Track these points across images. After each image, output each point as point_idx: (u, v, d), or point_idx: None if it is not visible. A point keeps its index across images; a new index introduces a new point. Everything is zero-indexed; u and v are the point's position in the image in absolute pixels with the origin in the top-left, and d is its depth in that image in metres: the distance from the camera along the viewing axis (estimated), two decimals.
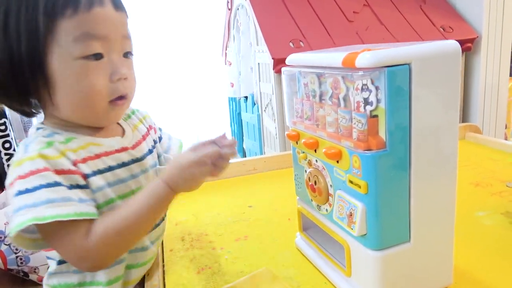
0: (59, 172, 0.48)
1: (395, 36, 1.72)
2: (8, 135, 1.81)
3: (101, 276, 0.55)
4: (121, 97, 0.54)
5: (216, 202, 0.88)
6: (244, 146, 2.42)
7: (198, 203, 0.88)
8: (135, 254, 0.58)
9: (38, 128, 0.54)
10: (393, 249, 0.46)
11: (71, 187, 0.49)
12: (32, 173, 0.47)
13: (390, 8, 1.83)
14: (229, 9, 2.30)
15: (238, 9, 2.12)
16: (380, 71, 0.41)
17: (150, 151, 0.62)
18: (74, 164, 0.50)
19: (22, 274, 1.58)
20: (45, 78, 0.50)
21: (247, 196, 0.90)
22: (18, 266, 1.54)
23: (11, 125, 1.84)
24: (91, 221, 0.49)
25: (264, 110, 1.92)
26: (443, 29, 1.77)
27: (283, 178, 0.99)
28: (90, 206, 0.50)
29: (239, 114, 2.38)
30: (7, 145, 1.87)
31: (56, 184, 0.47)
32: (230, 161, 0.55)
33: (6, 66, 0.49)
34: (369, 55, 0.41)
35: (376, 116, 0.43)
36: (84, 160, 0.52)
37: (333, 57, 0.45)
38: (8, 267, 1.53)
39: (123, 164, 0.56)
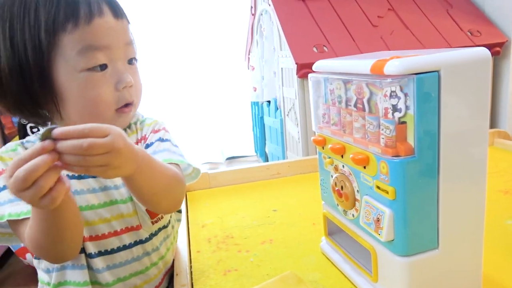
0: None
1: (421, 41, 1.70)
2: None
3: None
4: (127, 104, 0.55)
5: (241, 205, 0.89)
6: (267, 150, 2.43)
7: (223, 206, 0.89)
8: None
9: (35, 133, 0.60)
10: (421, 256, 0.46)
11: None
12: None
13: (416, 12, 1.82)
14: (252, 15, 2.33)
15: (261, 14, 2.15)
16: (409, 78, 0.41)
17: None
18: None
19: None
20: (53, 90, 0.52)
21: (271, 200, 0.91)
22: None
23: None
24: None
25: (287, 115, 1.92)
26: (471, 33, 1.74)
27: (307, 182, 0.99)
28: None
29: (262, 118, 2.39)
30: (35, 129, 1.93)
31: None
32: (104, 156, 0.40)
33: (17, 78, 0.51)
34: (397, 63, 0.41)
35: (404, 122, 0.43)
36: None
37: (361, 64, 0.46)
38: None
39: (80, 177, 0.56)
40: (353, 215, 0.53)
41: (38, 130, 1.89)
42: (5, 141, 1.89)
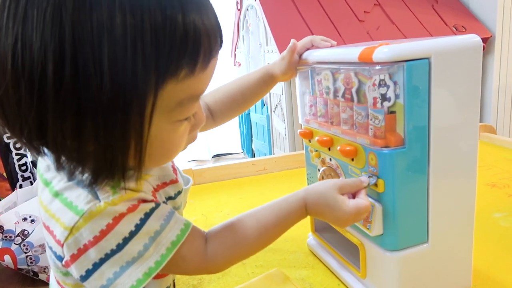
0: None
1: (407, 36, 1.70)
2: None
3: None
4: None
5: (226, 202, 0.87)
6: (253, 147, 2.41)
7: (207, 203, 0.87)
8: None
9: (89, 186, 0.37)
10: (410, 250, 0.45)
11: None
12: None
13: (402, 7, 1.81)
14: (238, 10, 2.30)
15: (247, 9, 2.12)
16: (398, 65, 0.39)
17: None
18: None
19: (32, 274, 1.59)
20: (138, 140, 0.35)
21: (257, 196, 0.89)
22: (28, 265, 1.55)
23: None
24: (196, 232, 0.43)
25: (274, 111, 1.91)
26: (456, 29, 1.74)
27: (294, 178, 0.98)
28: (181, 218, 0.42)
29: (248, 115, 2.37)
30: (18, 145, 1.88)
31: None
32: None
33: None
34: (387, 49, 0.39)
35: (394, 112, 0.41)
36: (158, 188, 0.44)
37: (349, 52, 0.44)
38: (18, 266, 1.54)
39: (171, 198, 0.47)
40: None
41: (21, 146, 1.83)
42: None
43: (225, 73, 2.83)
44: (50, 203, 0.38)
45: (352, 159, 0.46)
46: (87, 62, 0.30)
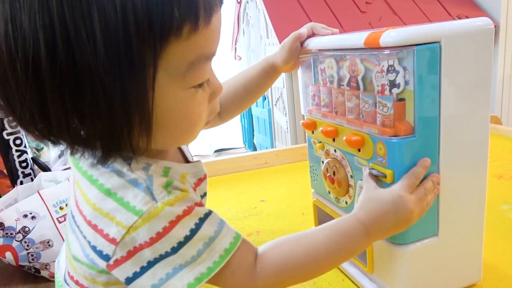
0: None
1: None
2: (19, 131, 1.81)
3: None
4: None
5: (227, 196, 0.85)
6: (255, 142, 2.39)
7: (208, 197, 0.85)
8: None
9: (126, 160, 0.37)
10: (419, 243, 0.43)
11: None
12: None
13: None
14: (238, 3, 2.27)
15: (247, 2, 2.09)
16: (408, 50, 0.37)
17: None
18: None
19: (33, 270, 1.58)
20: (144, 115, 0.34)
21: (258, 190, 0.87)
22: (29, 262, 1.54)
23: None
24: (247, 246, 0.40)
25: (275, 104, 1.89)
26: (459, 19, 1.71)
27: (296, 171, 0.96)
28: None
29: (250, 109, 2.35)
30: (18, 141, 1.87)
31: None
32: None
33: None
34: (394, 33, 0.37)
35: (403, 99, 0.39)
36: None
37: (354, 37, 0.42)
38: (20, 263, 1.53)
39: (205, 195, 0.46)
40: (346, 202, 0.50)
41: (21, 142, 1.79)
42: None
43: (226, 67, 2.81)
44: (101, 202, 0.36)
45: (359, 150, 0.44)
46: (78, 29, 0.29)
